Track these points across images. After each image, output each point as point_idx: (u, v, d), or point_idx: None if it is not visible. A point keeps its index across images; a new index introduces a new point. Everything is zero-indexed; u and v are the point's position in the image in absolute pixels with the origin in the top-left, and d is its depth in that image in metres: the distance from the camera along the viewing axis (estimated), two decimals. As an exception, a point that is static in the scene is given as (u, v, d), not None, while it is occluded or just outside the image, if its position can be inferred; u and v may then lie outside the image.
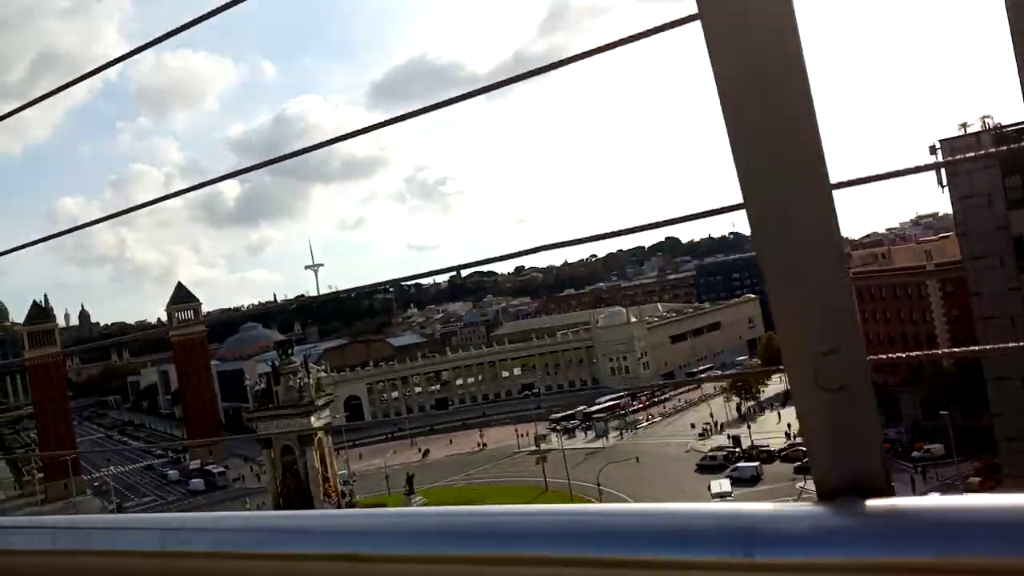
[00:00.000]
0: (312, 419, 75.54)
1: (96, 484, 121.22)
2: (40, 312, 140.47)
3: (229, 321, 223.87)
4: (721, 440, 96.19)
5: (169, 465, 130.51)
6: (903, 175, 1.42)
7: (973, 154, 33.44)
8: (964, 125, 36.95)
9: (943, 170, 38.37)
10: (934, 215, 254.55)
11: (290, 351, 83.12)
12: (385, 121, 2.06)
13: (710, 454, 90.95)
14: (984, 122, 36.56)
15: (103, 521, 2.06)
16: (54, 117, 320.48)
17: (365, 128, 2.16)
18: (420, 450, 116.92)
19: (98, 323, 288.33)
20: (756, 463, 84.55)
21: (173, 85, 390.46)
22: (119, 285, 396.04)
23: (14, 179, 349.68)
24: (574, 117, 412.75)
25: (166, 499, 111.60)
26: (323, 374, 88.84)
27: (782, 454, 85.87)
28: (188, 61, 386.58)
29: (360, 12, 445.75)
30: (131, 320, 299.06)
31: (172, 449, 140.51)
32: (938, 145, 38.10)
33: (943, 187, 39.19)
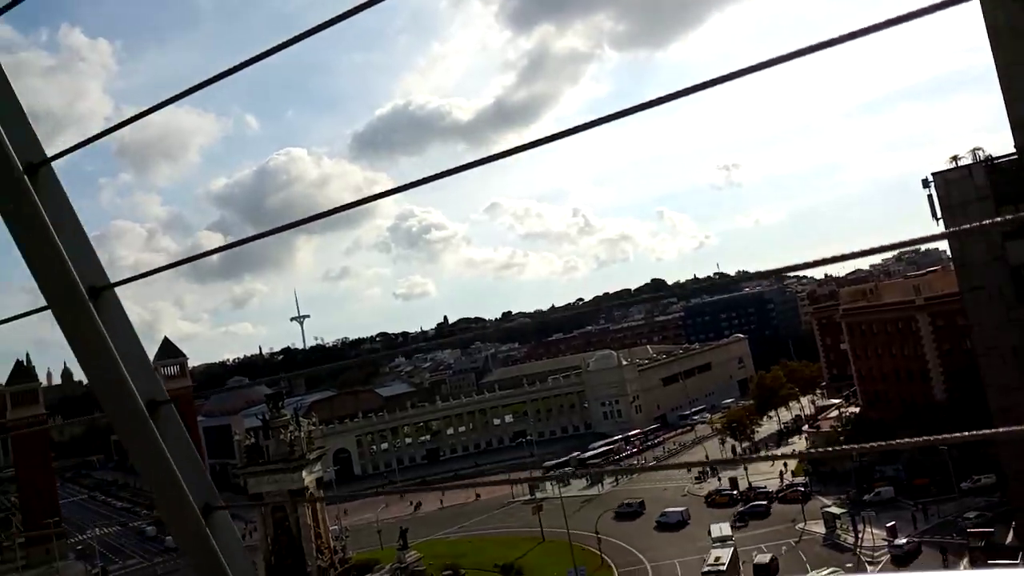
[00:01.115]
0: (304, 474, 73.89)
1: (79, 548, 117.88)
2: (22, 372, 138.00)
3: (215, 375, 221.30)
4: (715, 484, 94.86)
5: (148, 521, 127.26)
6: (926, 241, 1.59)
7: (980, 223, 33.32)
8: (955, 158, 37.07)
9: (936, 202, 38.41)
10: (916, 251, 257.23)
11: (281, 404, 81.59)
12: (413, 182, 2.14)
13: (626, 502, 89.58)
14: (975, 154, 36.70)
15: None
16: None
17: (395, 189, 2.29)
18: (412, 503, 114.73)
19: (80, 381, 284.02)
20: (682, 508, 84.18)
21: (155, 140, 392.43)
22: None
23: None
24: (555, 162, 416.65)
25: (151, 560, 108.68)
26: (313, 427, 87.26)
27: (780, 495, 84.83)
28: (171, 116, 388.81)
29: (342, 65, 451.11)
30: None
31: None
32: (931, 178, 38.20)
33: (938, 220, 39.07)
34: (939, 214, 37.81)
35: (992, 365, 38.33)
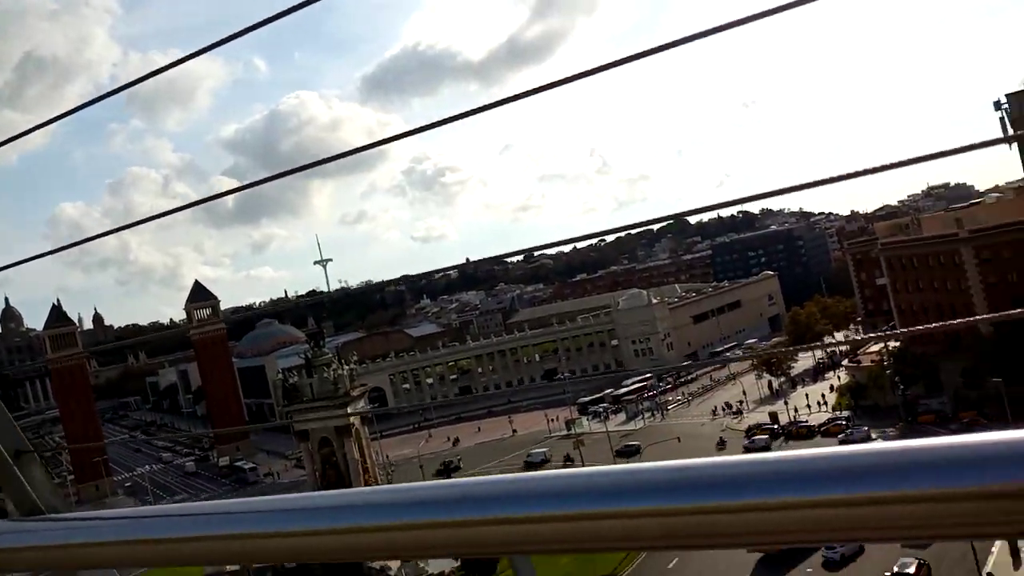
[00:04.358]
0: (349, 410, 74.98)
1: (127, 484, 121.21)
2: (59, 316, 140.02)
3: (244, 319, 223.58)
4: (759, 417, 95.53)
5: (194, 462, 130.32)
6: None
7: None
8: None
9: (1009, 126, 37.51)
10: (945, 186, 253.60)
11: (322, 343, 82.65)
12: (435, 122, 2.38)
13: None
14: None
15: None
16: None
17: (416, 129, 2.38)
18: (449, 438, 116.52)
19: (111, 326, 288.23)
20: (545, 449, 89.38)
21: (164, 86, 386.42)
22: (125, 288, 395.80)
23: (13, 187, 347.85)
24: (570, 102, 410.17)
25: (197, 495, 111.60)
26: (353, 366, 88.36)
27: (822, 429, 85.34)
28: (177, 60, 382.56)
29: (352, 5, 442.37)
30: (143, 322, 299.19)
31: (200, 447, 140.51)
32: (1003, 100, 37.22)
33: (1011, 144, 38.33)
34: (1011, 133, 36.88)
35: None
